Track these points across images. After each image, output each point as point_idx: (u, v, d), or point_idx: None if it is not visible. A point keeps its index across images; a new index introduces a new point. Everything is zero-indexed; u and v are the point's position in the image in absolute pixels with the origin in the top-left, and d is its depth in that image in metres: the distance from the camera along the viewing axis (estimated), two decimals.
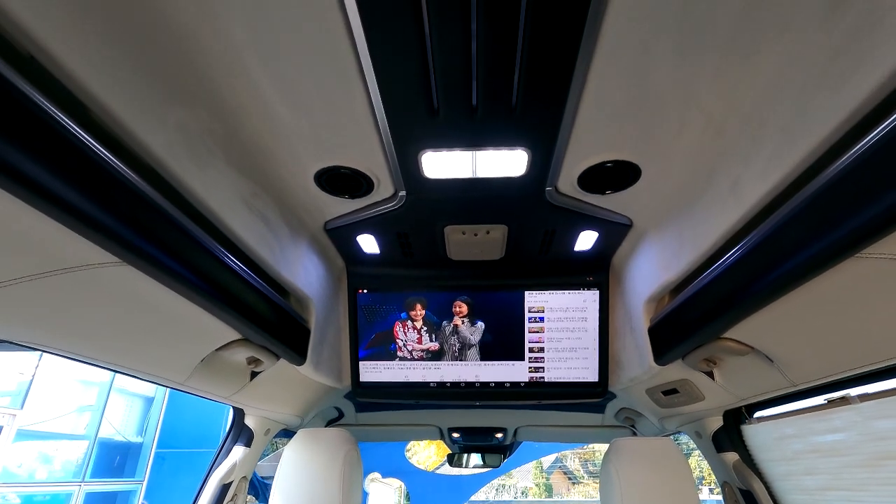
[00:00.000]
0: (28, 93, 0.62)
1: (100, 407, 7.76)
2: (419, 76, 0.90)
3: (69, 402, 7.30)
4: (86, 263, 0.86)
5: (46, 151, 0.66)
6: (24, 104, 0.62)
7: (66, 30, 0.67)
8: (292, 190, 1.29)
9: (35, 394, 6.61)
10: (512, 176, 1.24)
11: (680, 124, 1.02)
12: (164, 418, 8.95)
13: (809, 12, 0.75)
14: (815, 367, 1.20)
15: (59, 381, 7.05)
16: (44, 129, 0.66)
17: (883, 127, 0.69)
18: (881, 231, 0.75)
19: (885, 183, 0.71)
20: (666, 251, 1.39)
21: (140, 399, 8.84)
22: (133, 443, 8.52)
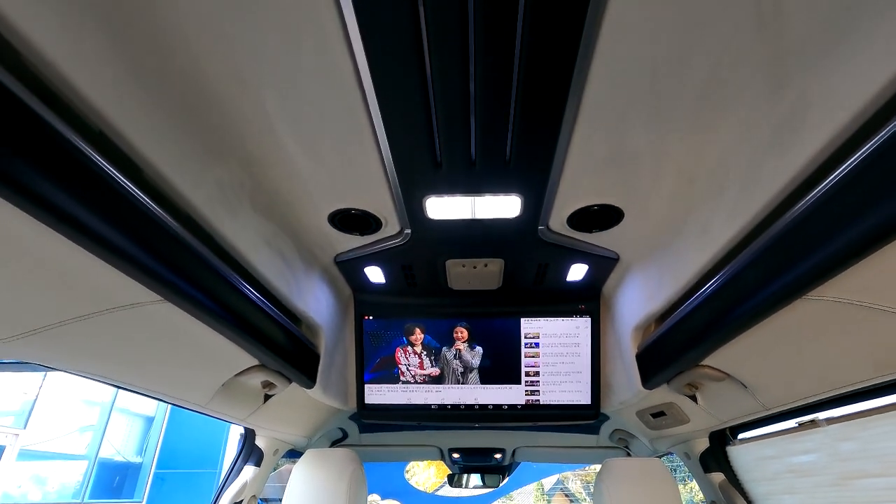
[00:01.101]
0: (96, 160, 0.75)
1: (101, 426, 7.78)
2: (424, 133, 1.04)
3: (71, 421, 7.33)
4: (135, 302, 0.99)
5: (109, 209, 0.79)
6: (93, 169, 0.75)
7: (128, 106, 0.81)
8: (308, 229, 1.43)
9: (38, 413, 6.66)
10: (507, 217, 1.37)
11: (655, 175, 1.16)
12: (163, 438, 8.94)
13: (757, 91, 0.89)
14: (784, 392, 1.31)
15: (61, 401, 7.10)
16: (109, 192, 0.79)
17: (820, 188, 0.83)
18: (822, 278, 0.88)
19: (822, 238, 0.84)
20: (650, 283, 1.52)
21: (140, 419, 8.84)
22: (132, 463, 8.50)
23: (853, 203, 0.76)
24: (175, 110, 0.91)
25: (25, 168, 0.65)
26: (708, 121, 0.98)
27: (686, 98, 0.93)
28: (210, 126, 0.99)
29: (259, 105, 0.96)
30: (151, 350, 1.19)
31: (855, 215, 0.76)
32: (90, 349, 1.09)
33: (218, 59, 0.85)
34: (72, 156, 0.71)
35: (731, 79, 0.88)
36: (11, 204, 0.67)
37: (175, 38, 0.80)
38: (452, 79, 0.90)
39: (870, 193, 0.73)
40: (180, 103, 0.91)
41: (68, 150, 0.71)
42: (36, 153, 0.66)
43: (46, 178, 0.68)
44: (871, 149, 0.71)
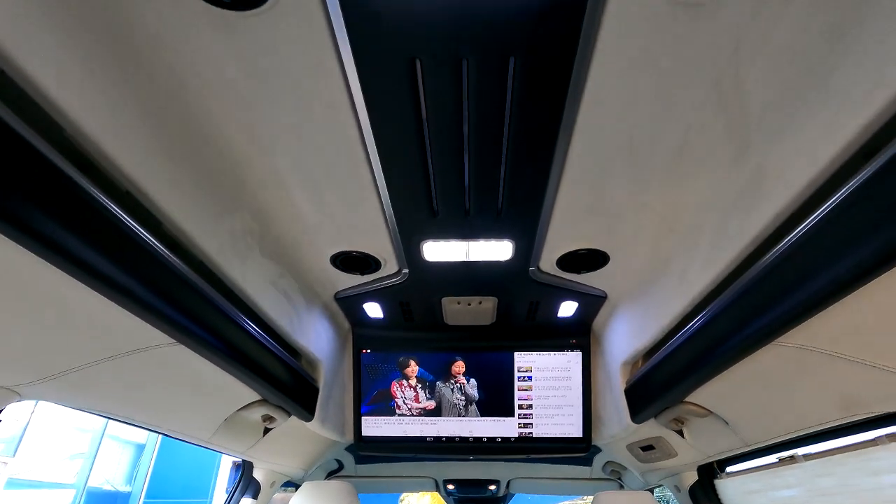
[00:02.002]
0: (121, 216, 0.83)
1: (91, 454, 7.66)
2: (422, 186, 1.13)
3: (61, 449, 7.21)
4: (150, 345, 1.05)
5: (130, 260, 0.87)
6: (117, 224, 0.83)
7: (153, 169, 0.90)
8: (311, 269, 1.50)
9: (28, 440, 6.57)
10: (500, 260, 1.46)
11: (637, 226, 1.25)
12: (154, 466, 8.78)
13: (722, 158, 0.98)
14: (762, 429, 1.38)
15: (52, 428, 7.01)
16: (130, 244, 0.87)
17: (782, 244, 0.91)
18: (787, 325, 0.96)
19: (786, 289, 0.92)
20: (636, 321, 1.60)
21: (131, 446, 8.70)
22: (121, 492, 8.33)
23: (810, 260, 0.85)
24: (195, 170, 1.00)
25: (57, 226, 0.72)
26: (681, 180, 1.07)
27: (660, 159, 1.02)
28: (226, 183, 1.07)
29: (271, 163, 1.05)
30: (162, 389, 1.25)
31: (813, 270, 0.85)
32: (108, 390, 1.15)
33: (237, 124, 0.94)
34: (99, 213, 0.79)
35: (699, 146, 0.97)
36: (42, 258, 0.74)
37: (199, 108, 0.89)
38: (448, 139, 0.99)
39: (826, 250, 0.82)
40: (201, 164, 1.00)
41: (96, 208, 0.79)
42: (66, 212, 0.73)
43: (75, 233, 0.75)
44: (826, 210, 0.80)
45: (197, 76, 0.83)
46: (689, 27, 0.75)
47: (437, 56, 0.81)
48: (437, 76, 0.85)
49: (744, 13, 0.73)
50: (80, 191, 0.76)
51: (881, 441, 1.19)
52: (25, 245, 0.70)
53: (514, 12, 0.74)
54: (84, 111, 0.75)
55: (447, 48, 0.80)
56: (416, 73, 0.85)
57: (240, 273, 1.21)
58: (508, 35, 0.78)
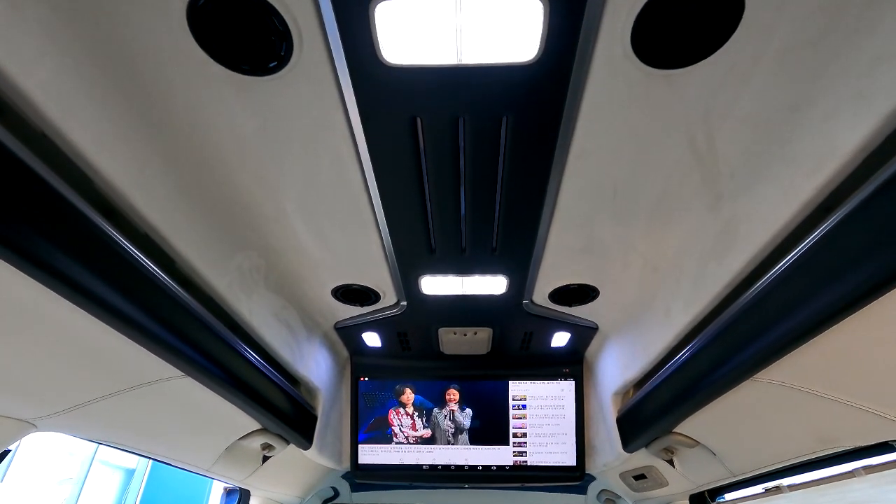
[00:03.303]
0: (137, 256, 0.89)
1: (80, 479, 7.50)
2: (421, 226, 1.20)
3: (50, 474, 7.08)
4: (160, 378, 1.11)
5: (144, 297, 0.92)
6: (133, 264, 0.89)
7: (171, 214, 0.97)
8: (312, 302, 1.56)
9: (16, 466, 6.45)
10: (494, 294, 1.52)
11: (624, 264, 1.32)
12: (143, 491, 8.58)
13: (698, 207, 1.06)
14: (748, 460, 1.43)
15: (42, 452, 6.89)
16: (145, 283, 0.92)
17: (753, 290, 0.98)
18: (762, 363, 1.02)
19: (760, 329, 0.99)
20: (625, 354, 1.65)
21: (121, 471, 8.52)
22: None
23: (782, 302, 0.92)
24: (208, 212, 1.07)
25: (77, 266, 0.78)
26: (662, 225, 1.15)
27: (643, 206, 1.10)
28: (237, 224, 1.14)
29: (280, 206, 1.12)
30: (169, 419, 1.29)
31: (785, 312, 0.92)
32: (119, 421, 1.19)
33: (249, 173, 1.02)
34: (117, 254, 0.86)
35: (677, 195, 1.05)
36: (61, 295, 0.79)
37: (215, 159, 0.96)
38: (446, 188, 1.07)
39: (795, 295, 0.88)
40: (214, 207, 1.07)
41: (115, 249, 0.85)
42: (86, 253, 0.79)
43: (94, 273, 0.81)
44: (791, 260, 0.87)
45: (216, 132, 0.91)
46: (663, 94, 0.83)
47: (437, 115, 0.89)
48: (436, 132, 0.93)
49: (711, 85, 0.81)
50: (101, 233, 0.82)
51: (858, 473, 1.24)
52: (46, 283, 0.76)
53: (506, 79, 0.83)
54: (114, 167, 0.82)
55: (445, 108, 0.88)
56: (416, 130, 0.92)
57: (246, 307, 1.27)
58: (501, 98, 0.86)
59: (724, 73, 0.79)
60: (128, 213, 0.92)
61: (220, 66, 0.78)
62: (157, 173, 0.92)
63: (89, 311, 0.84)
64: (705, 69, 0.78)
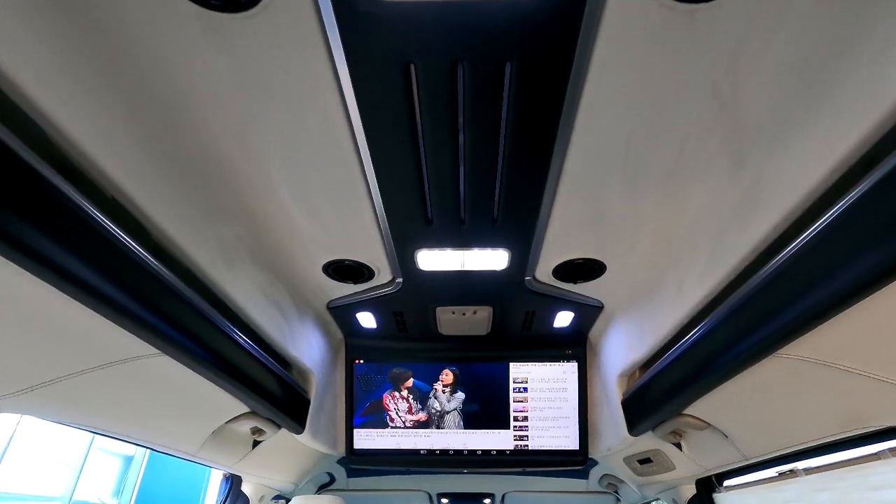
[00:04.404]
0: (105, 224, 0.80)
1: (78, 466, 7.49)
2: (417, 194, 1.11)
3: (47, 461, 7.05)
4: (133, 356, 1.02)
5: (113, 268, 0.84)
6: (101, 232, 0.80)
7: (141, 177, 0.87)
8: (303, 278, 1.47)
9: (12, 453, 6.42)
10: (495, 269, 1.43)
11: (633, 236, 1.23)
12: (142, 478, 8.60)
13: (719, 169, 0.97)
14: (762, 443, 1.35)
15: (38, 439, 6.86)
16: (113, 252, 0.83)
17: (781, 256, 0.90)
18: (787, 338, 0.94)
19: (785, 301, 0.90)
20: (632, 332, 1.57)
21: (119, 458, 8.52)
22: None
23: (810, 271, 0.83)
24: (185, 178, 0.97)
25: (36, 233, 0.69)
26: (677, 191, 1.06)
27: (657, 170, 1.01)
28: (216, 191, 1.05)
29: (262, 170, 1.03)
30: (146, 401, 1.21)
31: (813, 282, 0.83)
32: (90, 403, 1.11)
33: (227, 130, 0.92)
34: (82, 220, 0.76)
35: (696, 156, 0.96)
36: (20, 266, 0.71)
37: (188, 112, 0.87)
38: (443, 147, 0.98)
39: (826, 262, 0.80)
40: (190, 171, 0.97)
41: (79, 214, 0.76)
42: (46, 218, 0.71)
43: (56, 241, 0.72)
44: (825, 223, 0.79)
45: (186, 81, 0.81)
46: (686, 37, 0.74)
47: (433, 60, 0.80)
48: (432, 82, 0.83)
49: (741, 24, 0.72)
50: (62, 197, 0.73)
51: (884, 455, 1.17)
52: (2, 252, 0.67)
53: (512, 17, 0.73)
54: (67, 114, 0.73)
55: (442, 52, 0.78)
56: (410, 78, 0.83)
57: (229, 282, 1.18)
58: (505, 40, 0.76)
59: (756, 8, 0.69)
60: (92, 175, 0.82)
61: (189, 1, 0.68)
62: (123, 130, 0.83)
63: (50, 282, 0.75)
64: (736, 2, 0.69)
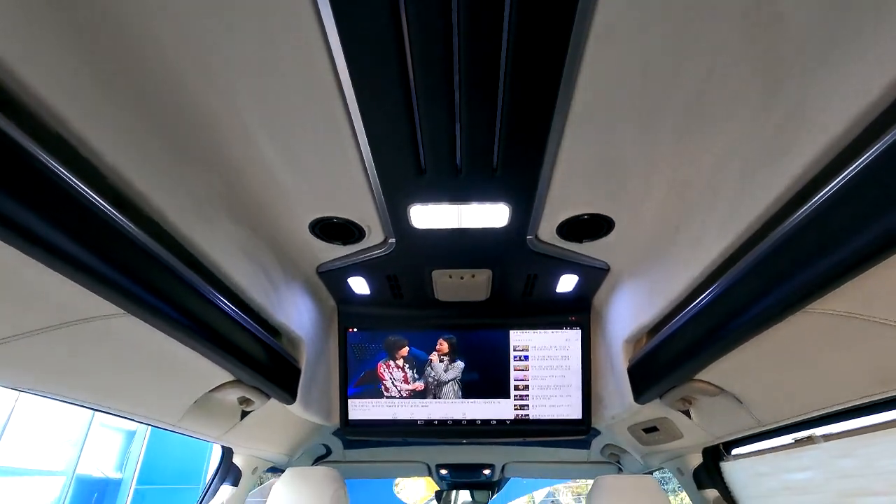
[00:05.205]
0: (38, 155, 0.68)
1: (79, 442, 7.55)
2: (408, 140, 0.99)
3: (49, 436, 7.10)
4: (92, 316, 0.92)
5: (61, 215, 0.73)
6: (35, 166, 0.68)
7: (87, 105, 0.75)
8: (288, 238, 1.36)
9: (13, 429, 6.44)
10: (495, 227, 1.32)
11: (646, 185, 1.12)
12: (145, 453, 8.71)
13: (750, 99, 0.85)
14: (780, 408, 1.27)
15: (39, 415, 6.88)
16: (62, 198, 0.72)
17: (818, 197, 0.79)
18: (821, 290, 0.84)
19: (821, 249, 0.79)
20: (640, 295, 1.48)
21: (121, 433, 8.61)
22: (112, 479, 8.24)
23: (853, 214, 0.73)
24: (142, 113, 0.85)
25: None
26: (700, 130, 0.94)
27: (677, 106, 0.89)
28: (181, 131, 0.93)
29: (234, 111, 0.91)
30: (115, 366, 1.11)
31: (855, 226, 0.73)
32: (46, 366, 1.01)
33: (190, 62, 0.79)
34: (20, 158, 0.65)
35: (723, 86, 0.84)
36: None
37: (144, 38, 0.74)
38: (436, 83, 0.86)
39: (870, 204, 0.69)
40: (148, 106, 0.85)
41: (25, 159, 0.65)
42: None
43: None
44: (871, 158, 0.68)
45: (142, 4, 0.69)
46: None
47: None
48: (422, 9, 0.71)
49: None
50: (7, 139, 0.61)
51: None
52: None
53: None
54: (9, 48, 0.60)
55: None
56: (398, 4, 0.71)
57: (204, 239, 1.07)
58: None
59: None
60: (41, 117, 0.70)
61: None
62: (75, 66, 0.70)
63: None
64: None
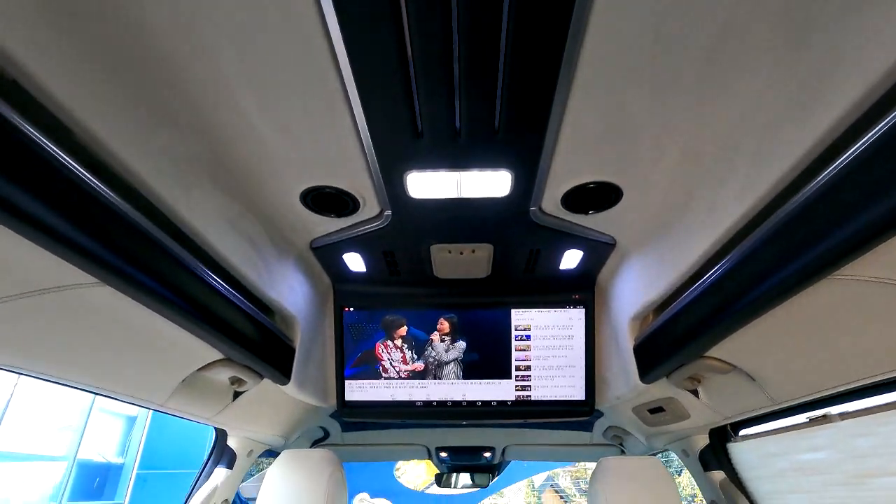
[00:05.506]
0: (4, 113, 0.62)
1: (80, 427, 7.56)
2: (403, 100, 0.92)
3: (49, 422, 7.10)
4: (62, 284, 0.85)
5: (18, 169, 0.66)
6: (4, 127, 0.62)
7: (49, 54, 0.67)
8: (278, 210, 1.29)
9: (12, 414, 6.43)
10: (496, 196, 1.25)
11: (658, 150, 1.04)
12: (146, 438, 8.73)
13: (776, 49, 0.77)
14: (796, 385, 1.21)
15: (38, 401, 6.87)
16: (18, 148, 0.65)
17: (849, 153, 0.71)
18: (851, 254, 0.77)
19: (854, 207, 0.73)
20: (648, 270, 1.41)
21: (122, 418, 8.63)
22: (113, 464, 8.28)
23: (891, 168, 0.66)
24: (116, 70, 0.77)
25: None
26: (719, 86, 0.87)
27: (694, 61, 0.82)
28: (158, 91, 0.85)
29: (214, 67, 0.83)
30: (94, 341, 1.05)
31: (887, 185, 0.66)
32: (12, 339, 0.94)
33: (169, 18, 0.72)
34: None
35: (742, 41, 0.76)
36: None
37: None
38: (433, 40, 0.78)
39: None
40: (123, 63, 0.77)
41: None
42: None
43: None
44: None
45: None
46: None
47: None
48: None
49: None
50: None
51: None
52: None
53: None
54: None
55: None
56: None
57: (186, 207, 1.00)
58: None
59: None
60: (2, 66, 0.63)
61: None
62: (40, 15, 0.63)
63: None
64: None
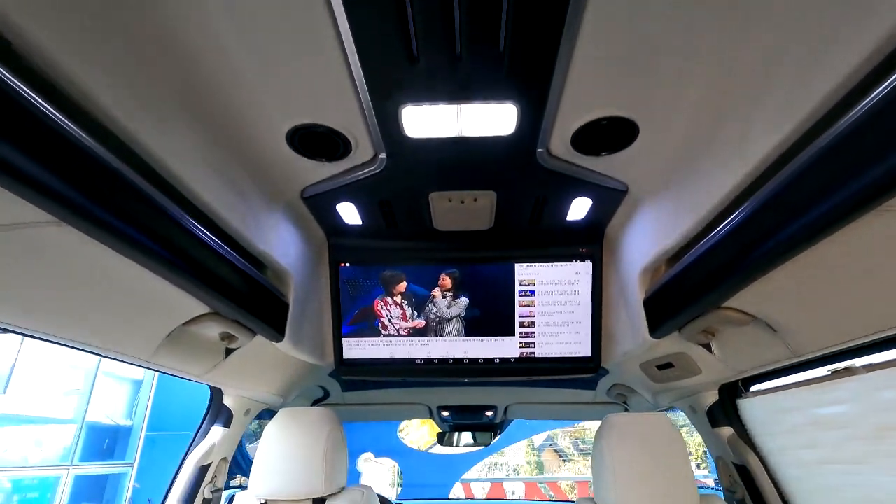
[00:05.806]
0: None
1: (87, 391, 7.66)
2: (396, 19, 0.80)
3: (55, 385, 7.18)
4: (14, 222, 0.76)
5: None
6: None
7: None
8: (264, 152, 1.18)
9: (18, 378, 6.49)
10: (500, 135, 1.14)
11: (680, 76, 0.93)
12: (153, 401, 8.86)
13: None
14: (821, 336, 1.13)
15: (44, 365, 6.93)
16: None
17: None
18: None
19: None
20: (662, 218, 1.31)
21: (128, 382, 8.74)
22: (122, 426, 8.43)
23: None
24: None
25: None
26: (753, 4, 0.75)
27: None
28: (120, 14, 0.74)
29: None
30: (67, 291, 0.96)
31: None
32: None
33: None
34: None
35: None
36: None
37: None
38: None
39: None
40: None
41: None
42: None
43: None
44: None
45: None
46: None
47: None
48: None
49: None
50: None
51: None
52: None
53: None
54: None
55: None
56: None
57: (157, 142, 0.89)
58: None
59: None
60: None
61: None
62: None
63: None
64: None
